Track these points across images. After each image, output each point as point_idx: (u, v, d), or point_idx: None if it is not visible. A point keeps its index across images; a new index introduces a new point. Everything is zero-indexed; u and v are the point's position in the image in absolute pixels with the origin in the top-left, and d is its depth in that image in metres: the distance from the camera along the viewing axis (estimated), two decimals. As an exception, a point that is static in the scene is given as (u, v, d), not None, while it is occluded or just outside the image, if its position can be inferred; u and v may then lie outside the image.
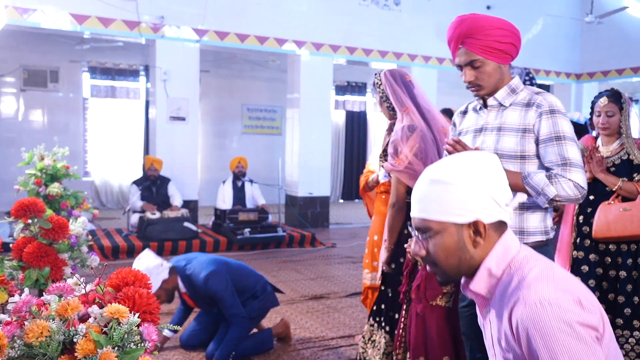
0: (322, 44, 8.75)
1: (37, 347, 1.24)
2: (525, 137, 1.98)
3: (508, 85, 2.04)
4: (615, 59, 11.01)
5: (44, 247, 2.27)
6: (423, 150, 2.58)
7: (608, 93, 3.13)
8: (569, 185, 1.88)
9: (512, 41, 1.98)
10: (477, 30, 1.94)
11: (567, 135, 1.93)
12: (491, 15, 2.00)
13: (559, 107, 1.97)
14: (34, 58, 9.71)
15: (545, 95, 1.99)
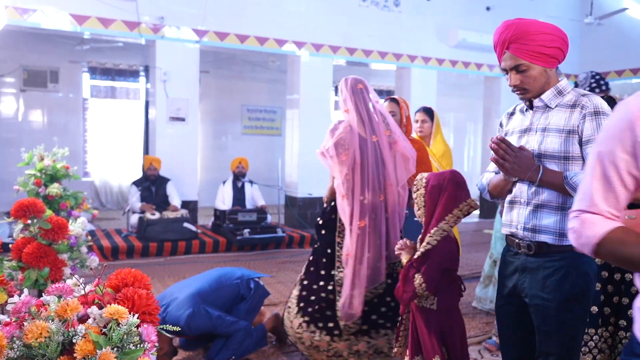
0: (322, 44, 8.76)
1: (37, 348, 1.24)
2: (570, 138, 1.98)
3: (555, 87, 2.05)
4: (615, 60, 11.02)
5: (43, 247, 2.27)
6: (346, 140, 3.01)
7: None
8: None
9: (558, 45, 1.98)
10: (522, 35, 1.95)
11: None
12: (538, 20, 1.99)
13: (604, 109, 1.95)
14: (33, 58, 9.71)
15: (591, 97, 1.99)
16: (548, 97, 2.04)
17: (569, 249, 1.99)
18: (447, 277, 2.32)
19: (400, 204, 3.10)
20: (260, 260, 6.44)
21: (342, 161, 3.00)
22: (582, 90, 2.06)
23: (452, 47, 9.91)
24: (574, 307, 2.01)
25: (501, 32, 2.01)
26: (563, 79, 2.09)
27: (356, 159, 2.99)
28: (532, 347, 2.13)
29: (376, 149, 3.03)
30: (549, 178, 1.97)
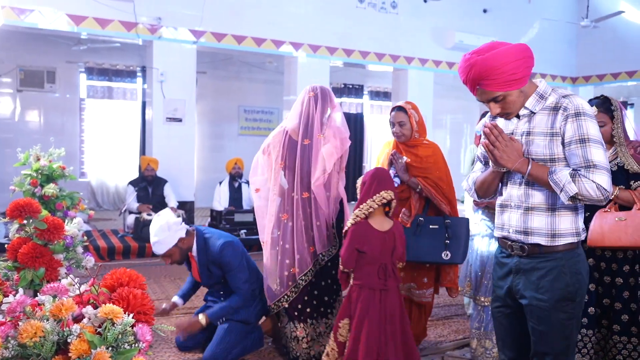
0: (319, 46, 8.77)
1: (31, 348, 1.24)
2: (553, 140, 2.00)
3: (536, 93, 2.05)
4: (611, 63, 11.06)
5: (39, 247, 2.28)
6: (273, 143, 3.37)
7: (597, 102, 3.04)
8: (592, 186, 1.90)
9: (526, 65, 1.97)
10: (489, 72, 1.92)
11: (592, 137, 1.94)
12: (498, 48, 1.94)
13: (585, 109, 1.97)
14: (30, 58, 9.69)
15: (572, 97, 2.00)
16: (532, 104, 2.05)
17: (561, 249, 2.02)
18: (364, 258, 2.76)
19: (329, 199, 3.40)
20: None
21: (269, 159, 3.38)
22: (563, 90, 2.06)
23: (448, 49, 9.93)
24: (568, 307, 2.03)
25: (467, 72, 1.97)
26: (541, 82, 2.09)
27: (283, 158, 3.31)
28: (527, 348, 2.15)
29: (305, 151, 3.29)
30: (537, 172, 2.00)
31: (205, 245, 3.40)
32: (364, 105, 12.98)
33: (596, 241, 2.87)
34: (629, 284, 2.92)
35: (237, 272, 3.38)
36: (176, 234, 3.28)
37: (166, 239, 3.25)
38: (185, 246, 3.38)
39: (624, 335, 2.95)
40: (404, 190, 3.50)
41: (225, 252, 3.36)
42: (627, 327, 2.94)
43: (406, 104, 3.58)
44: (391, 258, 2.81)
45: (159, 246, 3.26)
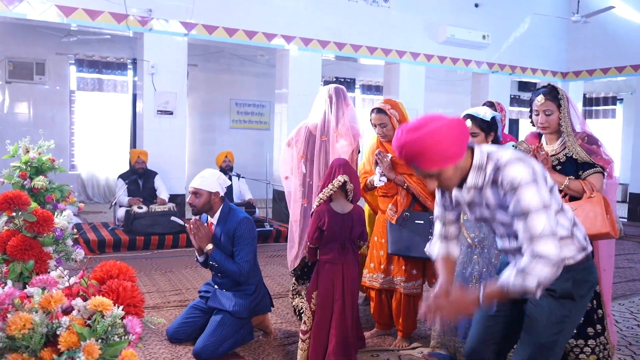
0: (311, 39, 8.75)
1: (20, 340, 1.24)
2: (508, 210, 1.97)
3: (473, 167, 1.98)
4: (601, 58, 11.12)
5: (28, 240, 2.27)
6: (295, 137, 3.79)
7: (545, 90, 3.00)
8: (539, 264, 1.84)
9: (460, 142, 1.91)
10: (420, 153, 1.88)
11: (532, 206, 1.87)
12: (430, 126, 1.87)
13: (518, 179, 1.88)
14: (19, 50, 9.60)
15: (504, 171, 1.91)
16: (473, 181, 1.99)
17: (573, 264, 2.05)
18: (325, 237, 3.13)
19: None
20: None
21: (292, 151, 3.79)
22: (495, 155, 1.97)
23: (440, 43, 9.94)
24: (568, 304, 2.05)
25: (399, 151, 1.94)
26: (477, 152, 1.99)
27: (304, 152, 3.72)
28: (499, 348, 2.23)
29: (322, 146, 3.67)
30: (491, 295, 1.96)
31: (229, 213, 3.56)
32: (356, 99, 12.97)
33: None
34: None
35: (245, 247, 3.49)
36: (217, 186, 3.52)
37: (209, 181, 3.50)
38: (214, 201, 3.54)
39: (580, 338, 2.86)
40: (391, 188, 3.55)
41: (244, 225, 3.50)
42: (583, 328, 2.85)
43: (385, 103, 3.61)
44: (350, 236, 3.18)
45: (200, 180, 3.49)
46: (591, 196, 2.81)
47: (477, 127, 3.09)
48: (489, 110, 3.18)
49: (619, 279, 5.58)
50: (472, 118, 3.10)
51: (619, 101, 14.30)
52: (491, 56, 10.66)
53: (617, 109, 14.35)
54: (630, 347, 3.69)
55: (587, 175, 2.89)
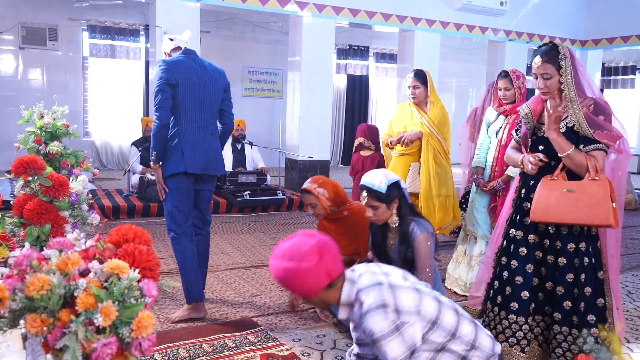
0: (324, 5, 8.61)
1: (38, 300, 1.26)
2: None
3: (342, 301, 2.06)
4: (621, 27, 10.86)
5: (44, 204, 2.28)
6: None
7: (543, 50, 2.59)
8: None
9: (319, 276, 1.96)
10: (286, 285, 2.01)
11: (378, 334, 1.91)
12: (292, 269, 1.96)
13: (369, 305, 1.95)
14: (32, 15, 9.57)
15: (365, 319, 1.97)
16: (345, 315, 2.06)
17: None
18: None
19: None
20: (260, 222, 6.48)
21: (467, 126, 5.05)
22: (354, 287, 2.03)
23: (456, 9, 9.75)
24: None
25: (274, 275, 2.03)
26: (344, 287, 2.05)
27: (471, 127, 4.98)
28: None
29: (477, 123, 4.82)
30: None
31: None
32: (370, 67, 12.83)
33: (541, 215, 2.53)
34: (573, 265, 2.55)
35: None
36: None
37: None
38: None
39: (565, 325, 2.56)
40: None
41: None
42: (569, 315, 2.56)
43: (312, 182, 3.47)
44: None
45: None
46: (595, 178, 2.47)
47: (374, 199, 2.84)
48: (384, 177, 2.85)
49: (634, 250, 5.57)
50: (367, 190, 2.85)
51: (638, 70, 14.03)
52: (508, 23, 10.44)
53: (637, 79, 14.08)
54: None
55: (588, 151, 2.51)
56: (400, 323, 1.88)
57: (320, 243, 1.97)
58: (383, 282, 1.97)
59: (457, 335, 1.98)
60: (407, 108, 4.27)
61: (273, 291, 3.95)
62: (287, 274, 1.95)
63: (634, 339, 3.29)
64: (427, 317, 1.94)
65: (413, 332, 1.90)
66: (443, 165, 4.18)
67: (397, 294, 1.93)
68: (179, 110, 3.34)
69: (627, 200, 8.17)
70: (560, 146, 2.51)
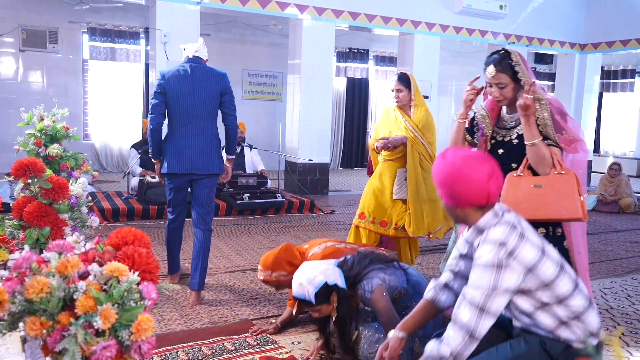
0: (324, 8, 8.63)
1: (38, 303, 1.26)
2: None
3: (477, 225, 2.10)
4: (620, 30, 10.87)
5: (44, 206, 2.28)
6: None
7: (495, 59, 2.58)
8: (452, 329, 1.90)
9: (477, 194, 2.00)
10: (448, 184, 2.08)
11: (479, 259, 1.93)
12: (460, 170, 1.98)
13: (490, 236, 1.96)
14: (32, 18, 9.58)
15: (487, 231, 2.00)
16: (471, 237, 2.06)
17: None
18: None
19: None
20: (259, 225, 6.48)
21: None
22: (495, 219, 2.00)
23: (456, 13, 9.77)
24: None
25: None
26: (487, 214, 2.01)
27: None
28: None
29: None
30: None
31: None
32: (369, 70, 12.85)
33: None
34: None
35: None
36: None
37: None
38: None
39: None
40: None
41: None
42: None
43: (264, 270, 3.24)
44: None
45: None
46: (562, 172, 2.44)
47: (311, 306, 2.71)
48: (310, 285, 2.69)
49: (633, 254, 5.57)
50: (300, 301, 2.73)
51: (637, 74, 14.05)
52: (508, 27, 10.46)
53: (636, 82, 14.10)
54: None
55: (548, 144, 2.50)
56: (505, 266, 1.88)
57: (495, 168, 1.99)
58: (517, 228, 1.95)
59: (565, 303, 1.95)
60: (391, 112, 4.21)
61: (272, 294, 3.95)
62: (455, 175, 1.95)
63: (634, 343, 3.28)
64: (541, 277, 1.91)
65: (509, 280, 1.88)
66: (430, 170, 4.10)
67: (523, 243, 1.92)
68: (170, 116, 3.80)
69: (626, 203, 8.17)
70: (532, 133, 2.47)
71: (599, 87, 12.51)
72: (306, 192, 8.49)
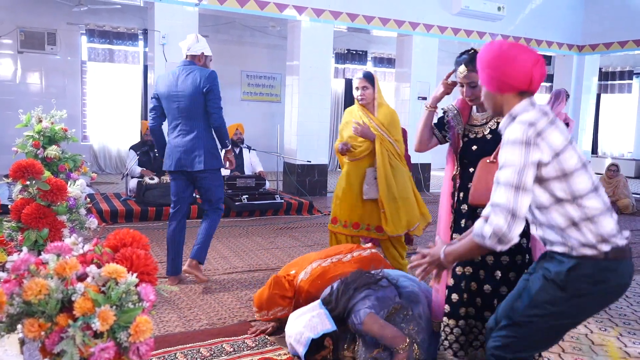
0: (322, 10, 8.64)
1: (36, 305, 1.26)
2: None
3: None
4: (618, 31, 10.90)
5: (42, 208, 2.28)
6: None
7: (467, 59, 2.59)
8: (492, 212, 1.86)
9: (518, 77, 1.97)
10: (491, 61, 2.01)
11: (505, 138, 1.92)
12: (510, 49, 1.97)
13: (519, 117, 1.95)
14: (31, 20, 9.58)
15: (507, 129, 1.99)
16: (503, 124, 2.02)
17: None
18: None
19: None
20: (258, 226, 6.48)
21: None
22: (529, 107, 2.00)
23: (454, 14, 9.78)
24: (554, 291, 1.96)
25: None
26: (523, 101, 1.99)
27: None
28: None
29: None
30: (459, 253, 2.02)
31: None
32: (368, 71, 12.85)
33: (479, 198, 2.42)
34: (500, 263, 2.55)
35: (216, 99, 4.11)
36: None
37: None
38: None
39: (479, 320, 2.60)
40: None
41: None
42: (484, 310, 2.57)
43: (258, 314, 3.30)
44: None
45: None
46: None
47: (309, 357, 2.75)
48: (299, 345, 2.75)
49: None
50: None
51: (635, 75, 14.07)
52: (506, 28, 10.48)
53: (634, 84, 14.12)
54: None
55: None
56: (534, 144, 1.86)
57: (541, 57, 1.98)
58: (549, 115, 1.94)
59: (579, 202, 1.90)
60: (355, 112, 4.16)
61: (271, 295, 3.95)
62: (503, 56, 1.94)
63: (632, 343, 3.29)
64: (562, 165, 1.89)
65: (538, 156, 1.88)
66: (399, 168, 4.08)
67: (552, 129, 1.91)
68: (167, 117, 4.17)
69: (624, 204, 8.18)
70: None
71: (596, 89, 12.53)
72: (305, 193, 8.49)
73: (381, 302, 2.81)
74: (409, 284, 3.04)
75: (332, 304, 2.84)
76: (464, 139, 2.70)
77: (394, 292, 2.93)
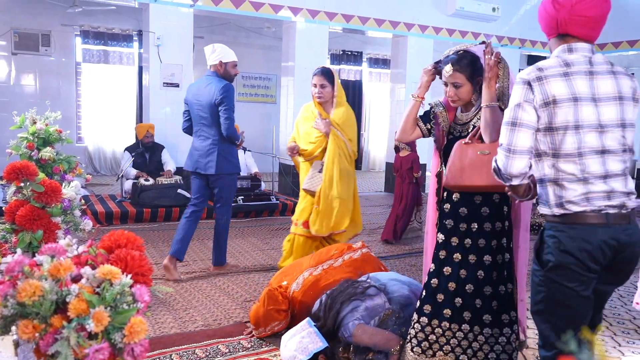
0: (318, 11, 8.64)
1: (30, 306, 1.26)
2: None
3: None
4: (612, 32, 10.93)
5: (36, 210, 2.28)
6: None
7: (454, 59, 2.55)
8: (498, 150, 1.96)
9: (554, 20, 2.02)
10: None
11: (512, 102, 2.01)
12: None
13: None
14: (25, 21, 9.54)
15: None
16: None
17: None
18: None
19: None
20: (253, 227, 6.48)
21: None
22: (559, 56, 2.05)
23: (449, 15, 9.80)
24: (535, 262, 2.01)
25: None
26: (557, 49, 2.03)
27: None
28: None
29: None
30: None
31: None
32: (363, 72, 12.87)
33: (455, 179, 2.43)
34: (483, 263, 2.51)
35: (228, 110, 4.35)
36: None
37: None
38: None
39: (495, 327, 2.51)
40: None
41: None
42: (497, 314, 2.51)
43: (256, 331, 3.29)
44: None
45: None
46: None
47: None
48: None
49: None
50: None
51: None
52: (501, 29, 10.51)
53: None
54: (635, 321, 3.71)
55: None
56: (529, 87, 1.91)
57: (584, 2, 1.98)
58: (572, 67, 1.95)
59: (555, 163, 1.90)
60: (311, 108, 4.11)
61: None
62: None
63: (626, 343, 3.30)
64: (552, 119, 1.88)
65: (534, 98, 1.90)
66: (347, 168, 4.01)
67: (561, 78, 1.91)
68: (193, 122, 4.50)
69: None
70: (491, 96, 2.42)
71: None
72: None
73: (370, 311, 2.82)
74: (398, 287, 3.01)
75: (321, 321, 2.86)
76: (449, 136, 2.71)
77: (383, 298, 2.92)
